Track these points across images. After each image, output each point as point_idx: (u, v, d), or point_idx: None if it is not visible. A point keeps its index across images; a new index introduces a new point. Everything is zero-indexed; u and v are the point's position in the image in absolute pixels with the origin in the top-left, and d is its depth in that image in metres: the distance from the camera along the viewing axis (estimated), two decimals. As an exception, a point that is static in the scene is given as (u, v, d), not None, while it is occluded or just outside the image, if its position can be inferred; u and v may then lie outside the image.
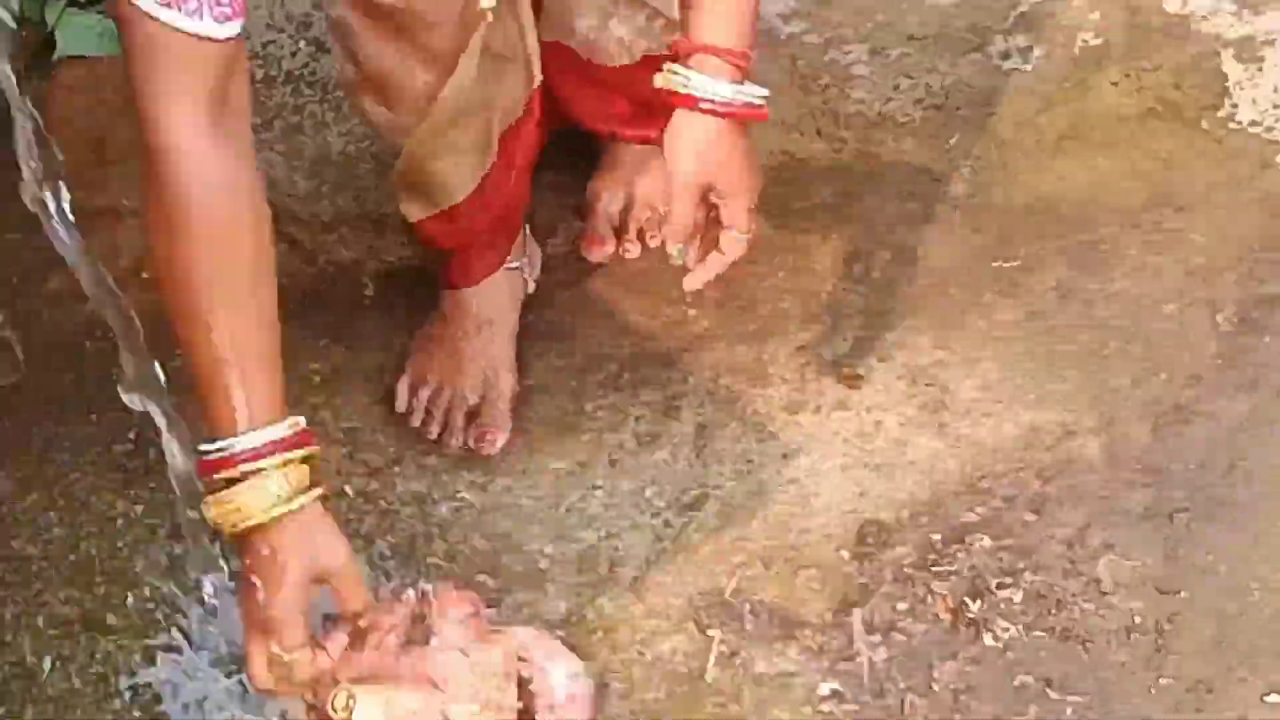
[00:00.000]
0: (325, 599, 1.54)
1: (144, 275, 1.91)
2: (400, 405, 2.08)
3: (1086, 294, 2.14)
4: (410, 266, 2.27)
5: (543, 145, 2.08)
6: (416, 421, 2.07)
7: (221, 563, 1.66)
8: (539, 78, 1.97)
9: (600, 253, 2.21)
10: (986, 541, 1.85)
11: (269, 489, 1.43)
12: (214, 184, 1.43)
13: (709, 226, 1.74)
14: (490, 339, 2.03)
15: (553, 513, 1.98)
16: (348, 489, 1.96)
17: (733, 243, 1.72)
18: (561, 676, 1.69)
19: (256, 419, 1.44)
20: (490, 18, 1.74)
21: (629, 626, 1.83)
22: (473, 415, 2.01)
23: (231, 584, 1.64)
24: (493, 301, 2.07)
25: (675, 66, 1.67)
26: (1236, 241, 2.19)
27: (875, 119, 2.44)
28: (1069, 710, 1.70)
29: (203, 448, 1.45)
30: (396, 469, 2.01)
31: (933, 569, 1.83)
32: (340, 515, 1.71)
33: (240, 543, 1.46)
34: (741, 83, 1.68)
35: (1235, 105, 2.38)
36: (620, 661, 1.80)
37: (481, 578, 1.89)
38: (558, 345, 2.17)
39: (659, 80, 1.68)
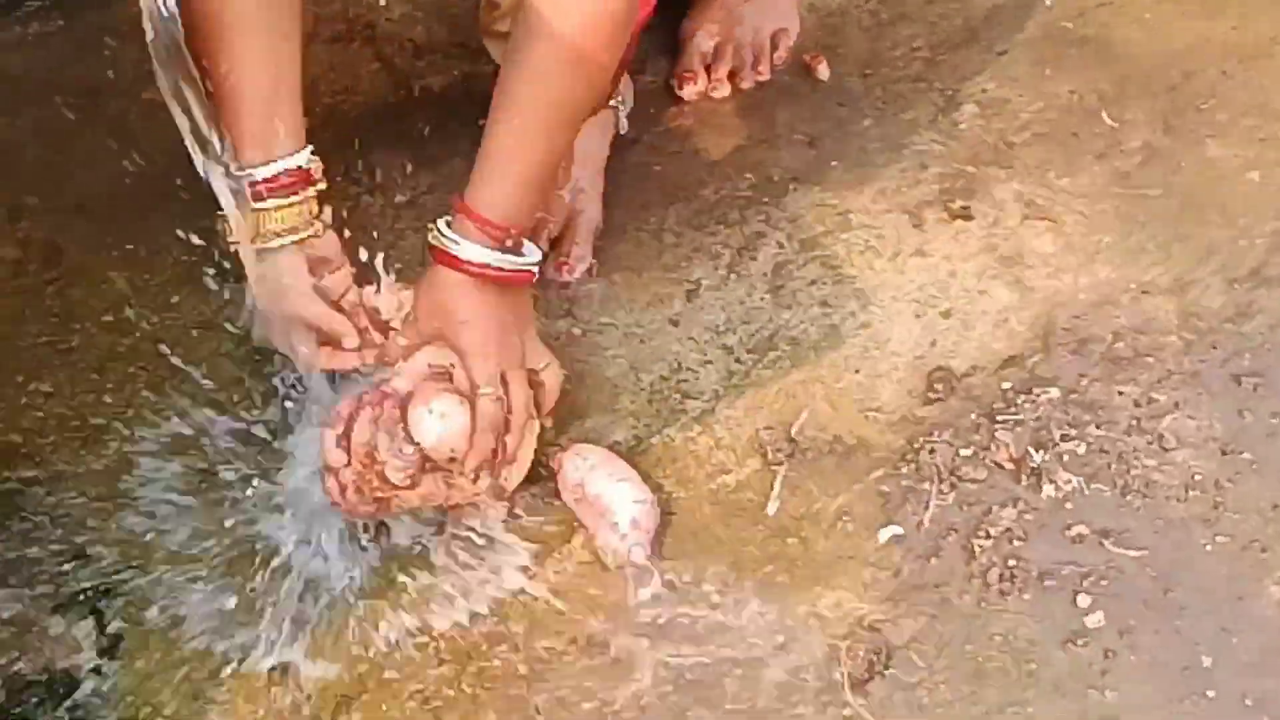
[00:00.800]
0: None
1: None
2: None
3: (1173, 156, 2.13)
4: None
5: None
6: None
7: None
8: None
9: (692, 90, 2.23)
10: (1054, 393, 1.86)
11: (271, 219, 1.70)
12: None
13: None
14: (580, 172, 2.03)
15: (627, 343, 2.00)
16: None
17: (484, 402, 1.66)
18: (628, 500, 1.72)
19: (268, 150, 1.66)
20: None
21: (695, 457, 1.85)
22: (556, 243, 2.02)
23: None
24: (587, 134, 2.06)
25: (441, 224, 1.66)
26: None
27: None
28: (1125, 562, 1.71)
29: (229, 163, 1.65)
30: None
31: (998, 418, 1.84)
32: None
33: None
34: (515, 247, 1.67)
35: None
36: (685, 490, 1.81)
37: (554, 402, 1.89)
38: (644, 181, 2.17)
39: (430, 238, 1.68)
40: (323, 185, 1.72)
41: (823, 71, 2.28)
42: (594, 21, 1.66)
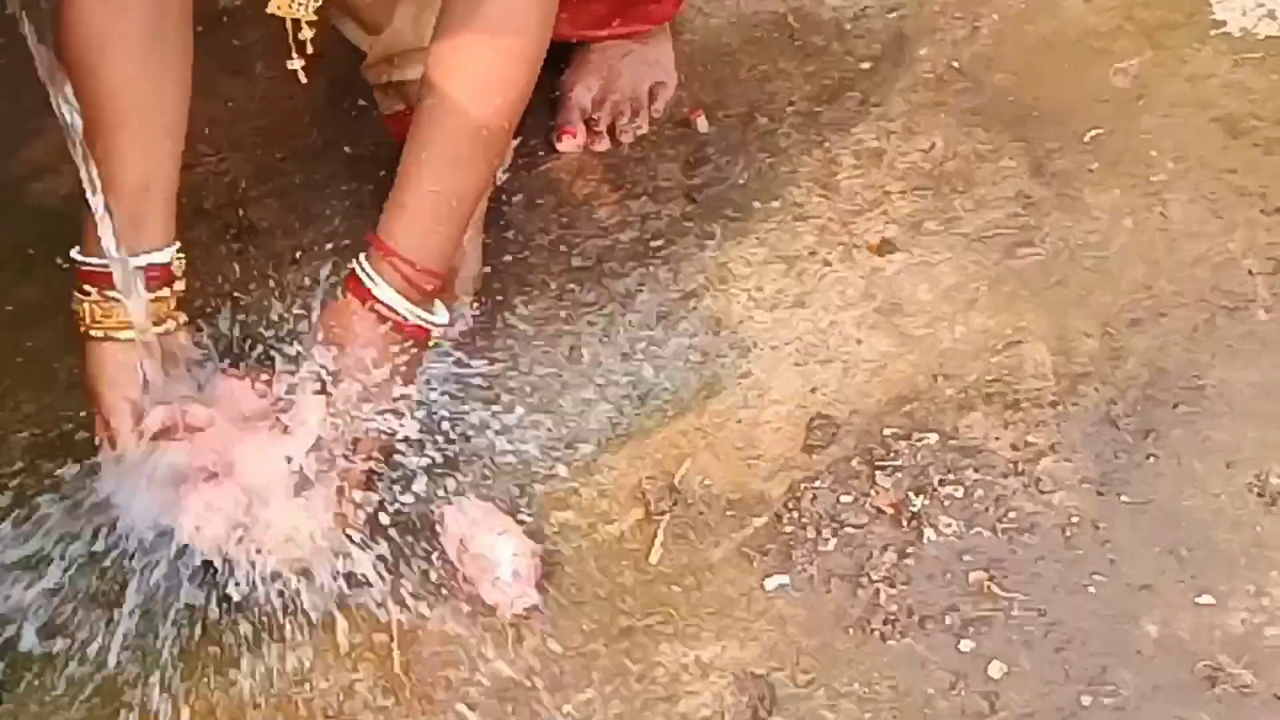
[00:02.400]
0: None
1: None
2: None
3: (1047, 204, 2.17)
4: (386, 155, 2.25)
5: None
6: None
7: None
8: None
9: (572, 143, 2.26)
10: (933, 439, 1.89)
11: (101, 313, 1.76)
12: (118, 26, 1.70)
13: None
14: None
15: (508, 394, 2.03)
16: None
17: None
18: (508, 553, 1.76)
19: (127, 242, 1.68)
20: None
21: (578, 508, 1.88)
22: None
23: None
24: None
25: (360, 260, 1.74)
26: (1196, 159, 2.22)
27: (848, 26, 2.47)
28: (1006, 604, 1.76)
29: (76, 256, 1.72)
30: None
31: (878, 464, 1.87)
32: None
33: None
34: (424, 304, 1.76)
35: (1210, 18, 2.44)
36: (568, 540, 1.86)
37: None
38: (523, 235, 2.21)
39: (355, 263, 1.75)
40: (181, 285, 1.77)
41: (702, 124, 2.30)
42: (508, 80, 1.77)
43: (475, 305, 2.08)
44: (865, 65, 2.40)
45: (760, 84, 2.39)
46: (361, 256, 1.75)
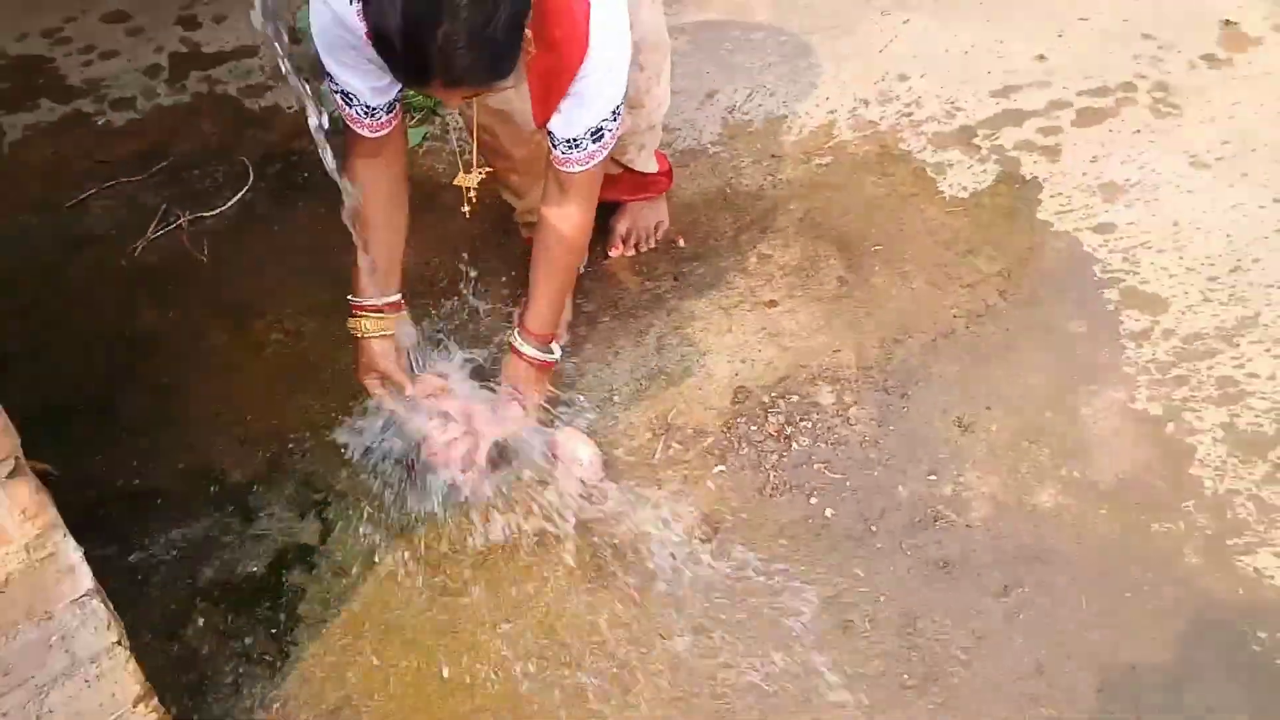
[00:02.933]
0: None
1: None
2: None
3: (853, 281, 2.32)
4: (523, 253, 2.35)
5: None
6: None
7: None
8: None
9: (617, 252, 2.37)
10: (795, 399, 2.11)
11: (365, 324, 1.87)
12: (371, 183, 1.80)
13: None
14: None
15: (587, 374, 2.20)
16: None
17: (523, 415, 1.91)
18: (585, 451, 1.98)
19: (375, 291, 1.84)
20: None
21: (619, 432, 2.08)
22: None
23: None
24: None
25: (515, 334, 1.91)
26: (928, 256, 2.37)
27: (753, 192, 2.58)
28: (836, 479, 1.97)
29: (350, 298, 1.87)
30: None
31: (769, 411, 2.10)
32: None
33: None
34: (545, 348, 1.92)
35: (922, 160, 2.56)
36: (612, 448, 2.05)
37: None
38: (591, 300, 2.32)
39: (509, 338, 1.93)
40: (405, 311, 1.93)
41: (682, 242, 2.42)
42: (584, 227, 1.89)
43: (566, 339, 2.18)
44: (762, 210, 2.49)
45: (711, 221, 2.47)
46: (515, 332, 1.93)
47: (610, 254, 2.33)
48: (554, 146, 1.75)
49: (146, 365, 2.22)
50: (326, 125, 1.57)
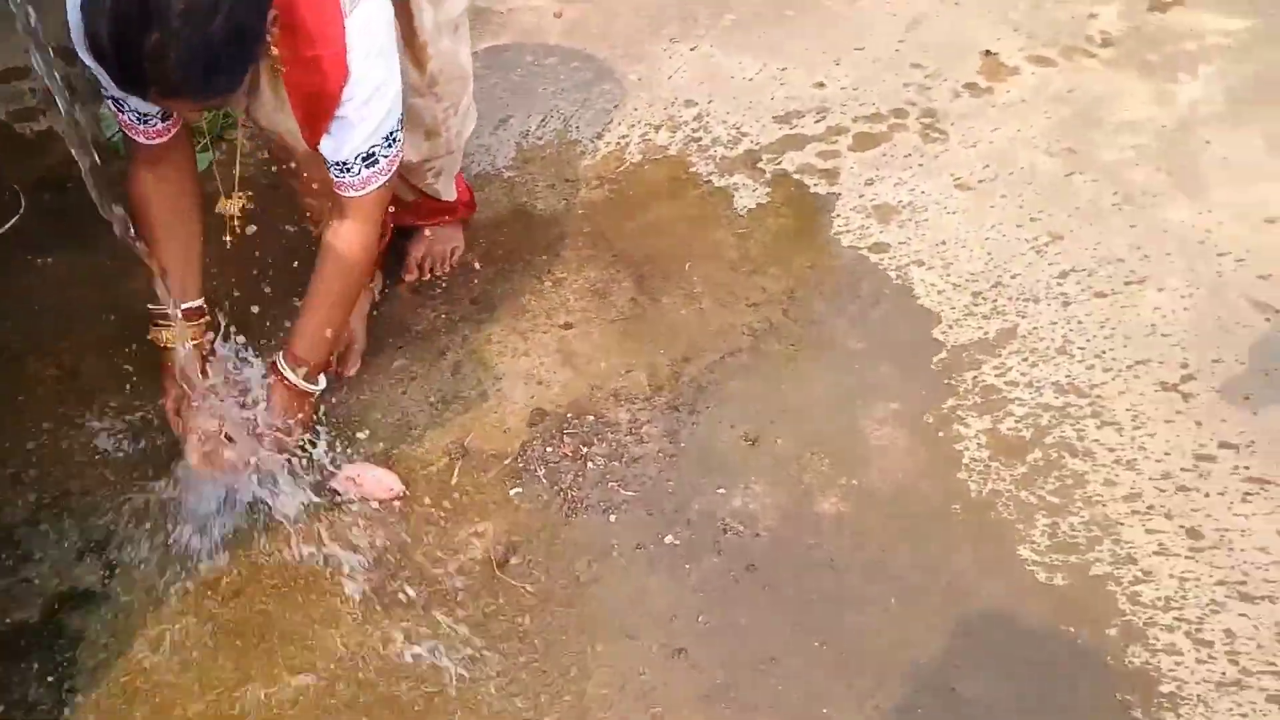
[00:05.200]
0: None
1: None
2: None
3: (645, 302, 2.38)
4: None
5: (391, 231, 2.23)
6: None
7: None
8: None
9: (411, 276, 2.38)
10: (590, 419, 2.15)
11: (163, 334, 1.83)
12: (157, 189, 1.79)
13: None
14: (355, 319, 2.16)
15: (372, 401, 2.20)
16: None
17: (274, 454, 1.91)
18: (387, 477, 2.02)
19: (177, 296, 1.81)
20: None
21: (412, 457, 2.11)
22: (340, 359, 2.17)
23: None
24: (361, 299, 2.17)
25: (280, 357, 1.90)
26: (716, 276, 2.46)
27: (548, 215, 2.61)
28: (631, 497, 2.02)
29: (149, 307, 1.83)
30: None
31: (565, 432, 2.13)
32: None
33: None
34: (311, 379, 1.91)
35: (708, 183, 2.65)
36: (413, 474, 2.08)
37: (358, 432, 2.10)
38: (386, 321, 2.35)
39: (277, 361, 1.89)
40: (206, 319, 1.90)
41: (478, 265, 2.44)
42: (364, 253, 1.88)
43: (355, 369, 2.18)
44: (557, 234, 2.53)
45: (506, 245, 2.50)
46: (280, 356, 1.90)
47: (405, 279, 2.33)
48: (328, 168, 1.75)
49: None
50: (95, 159, 1.54)
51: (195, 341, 1.85)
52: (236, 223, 1.82)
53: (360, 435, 2.08)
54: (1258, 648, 1.83)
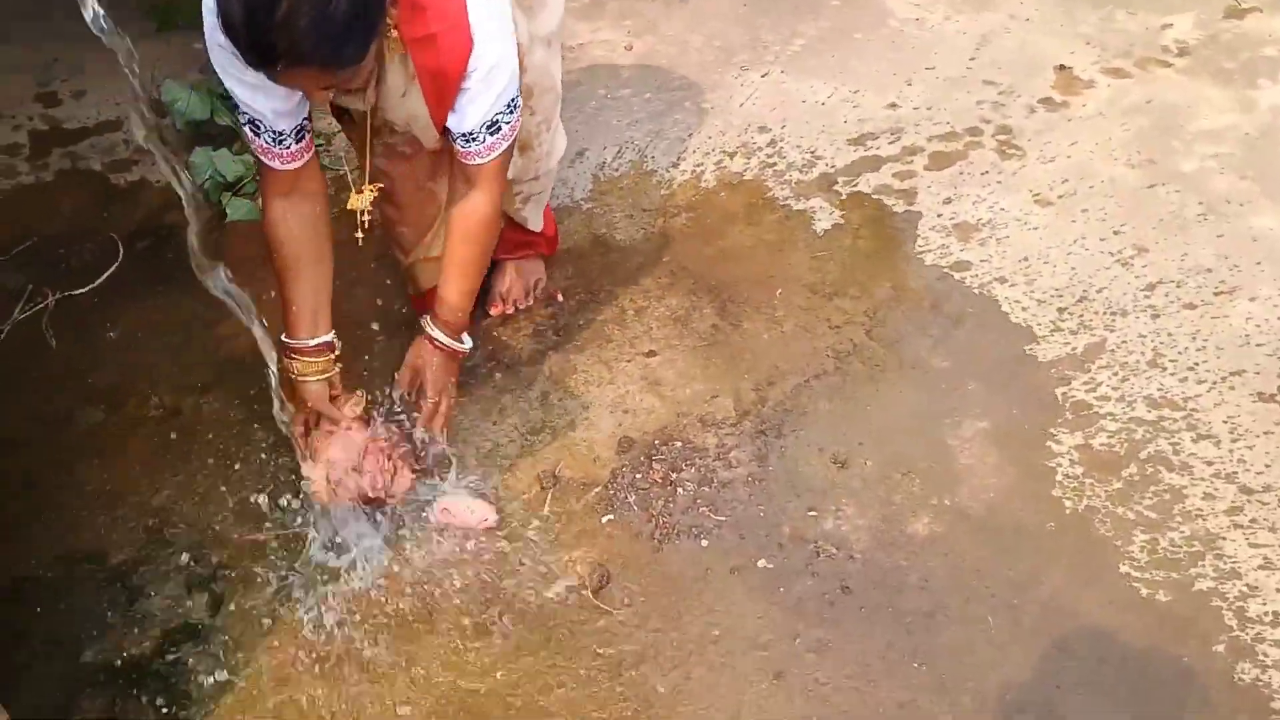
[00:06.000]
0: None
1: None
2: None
3: (726, 328, 2.39)
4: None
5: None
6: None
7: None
8: None
9: (497, 310, 2.40)
10: (678, 445, 2.17)
11: (295, 366, 1.86)
12: (291, 223, 1.83)
13: (420, 396, 2.00)
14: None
15: (474, 431, 2.22)
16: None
17: (430, 404, 1.99)
18: (480, 507, 2.04)
19: (305, 333, 1.84)
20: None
21: (504, 487, 2.13)
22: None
23: None
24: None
25: (427, 320, 1.97)
26: (797, 299, 2.47)
27: (628, 245, 2.63)
28: (721, 520, 2.05)
29: (283, 339, 1.87)
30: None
31: (654, 458, 2.14)
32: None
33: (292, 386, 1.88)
34: (457, 338, 1.98)
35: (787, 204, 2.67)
36: (507, 503, 2.10)
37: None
38: (483, 351, 2.32)
39: (425, 327, 1.96)
40: (338, 351, 1.92)
41: (561, 298, 2.46)
42: (494, 215, 1.93)
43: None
44: (637, 263, 2.53)
45: (587, 276, 2.53)
46: (426, 319, 1.98)
47: (491, 312, 2.35)
48: (453, 141, 1.80)
49: (10, 462, 2.16)
50: (191, 190, 1.63)
51: (326, 375, 1.90)
52: (367, 218, 1.88)
53: (454, 466, 2.10)
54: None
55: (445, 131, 1.82)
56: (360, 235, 1.91)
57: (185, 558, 2.00)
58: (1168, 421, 2.13)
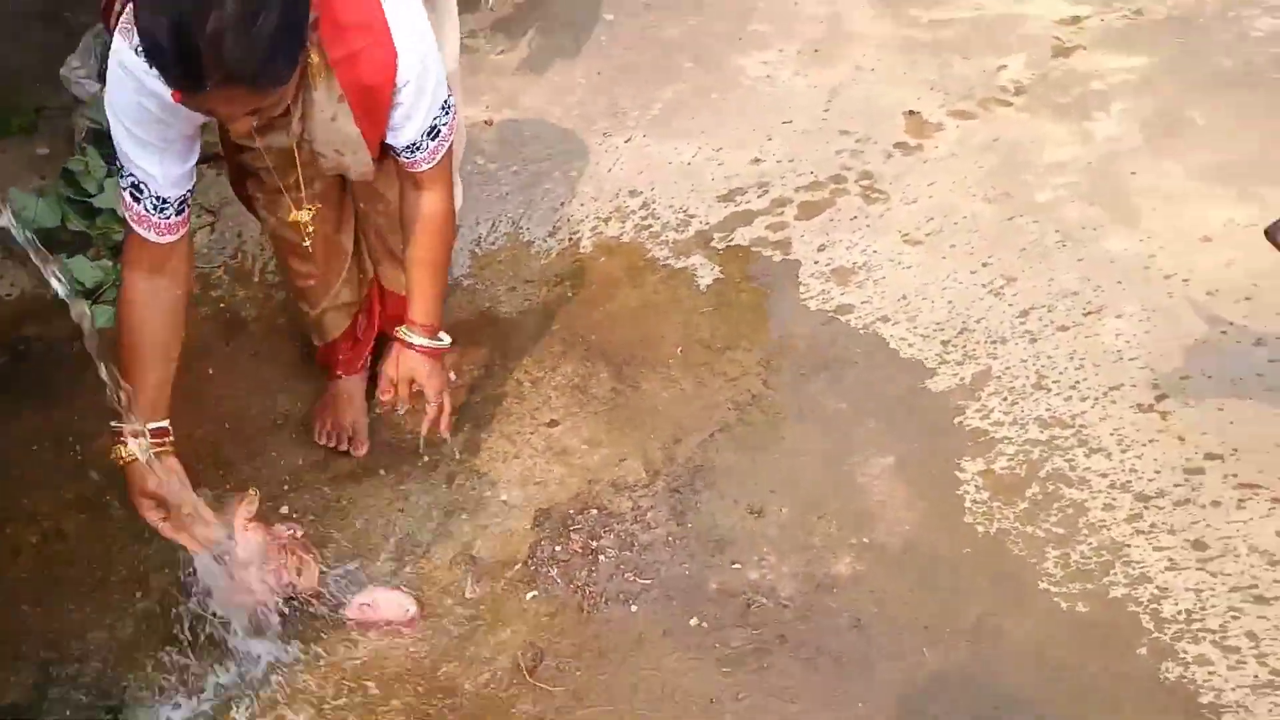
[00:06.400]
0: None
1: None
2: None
3: (625, 390, 2.41)
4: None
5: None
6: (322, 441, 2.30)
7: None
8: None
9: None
10: (594, 512, 2.17)
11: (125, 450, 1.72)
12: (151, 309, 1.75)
13: (417, 399, 2.01)
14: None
15: (381, 522, 2.21)
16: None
17: (434, 406, 2.01)
18: (404, 600, 2.00)
19: (141, 415, 1.72)
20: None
21: (421, 575, 2.12)
22: (351, 437, 2.28)
23: None
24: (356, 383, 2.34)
25: (405, 331, 1.97)
26: (690, 356, 2.51)
27: (503, 319, 2.69)
28: (646, 584, 2.04)
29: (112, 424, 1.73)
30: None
31: (571, 528, 2.15)
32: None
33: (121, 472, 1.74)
34: (435, 337, 1.99)
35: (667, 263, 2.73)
36: (424, 592, 2.08)
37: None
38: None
39: (399, 334, 1.97)
40: (171, 437, 1.78)
41: (454, 376, 2.33)
42: (449, 211, 1.94)
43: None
44: (526, 336, 2.55)
45: (477, 352, 2.54)
46: (402, 329, 1.97)
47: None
48: (397, 155, 1.81)
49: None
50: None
51: (159, 451, 1.75)
52: (311, 229, 1.91)
53: (365, 560, 2.06)
54: (1288, 645, 1.84)
55: (386, 148, 1.81)
56: (309, 242, 1.95)
57: (86, 692, 1.90)
58: (1060, 440, 2.22)
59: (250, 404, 2.38)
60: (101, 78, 2.75)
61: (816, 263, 2.66)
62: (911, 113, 3.08)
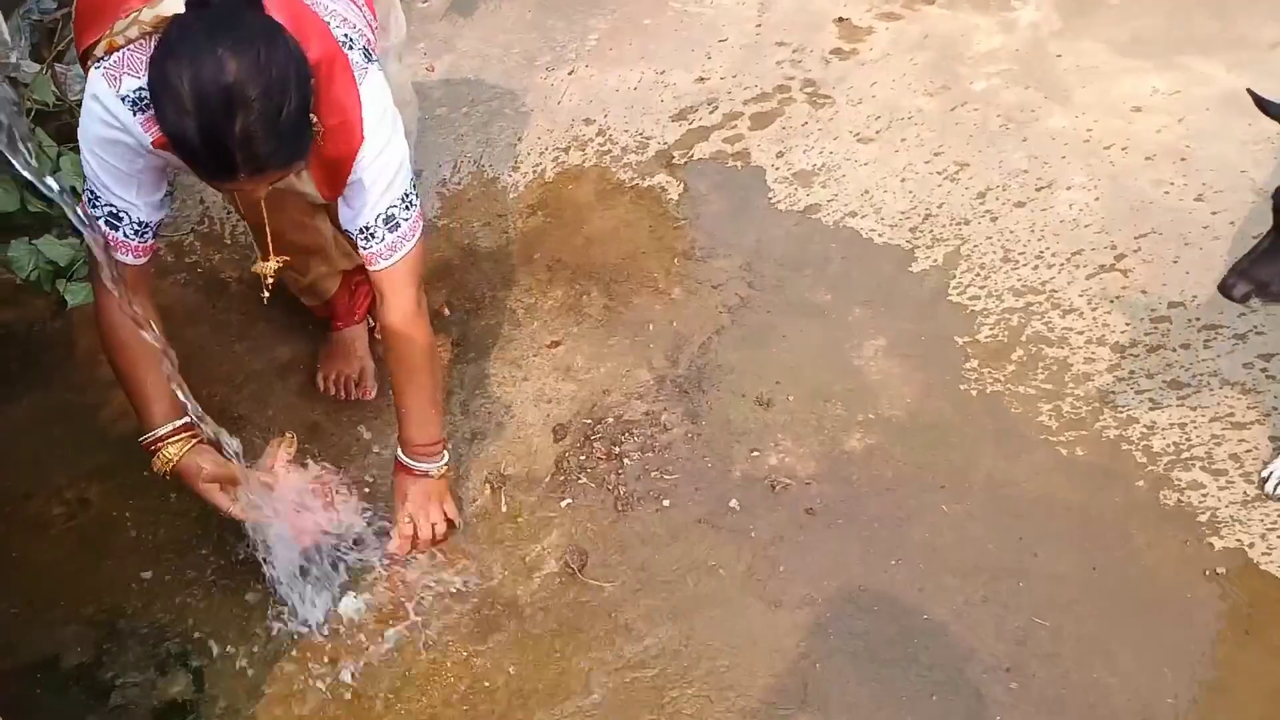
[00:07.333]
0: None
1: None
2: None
3: (618, 306, 2.46)
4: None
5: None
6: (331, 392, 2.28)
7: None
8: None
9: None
10: (610, 421, 2.23)
11: (168, 452, 1.76)
12: (134, 325, 1.71)
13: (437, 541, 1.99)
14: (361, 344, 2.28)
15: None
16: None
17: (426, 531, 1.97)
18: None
19: (160, 421, 1.75)
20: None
21: (462, 494, 2.13)
22: (358, 382, 2.28)
23: None
24: (358, 331, 2.33)
25: (402, 454, 1.94)
26: (675, 267, 2.59)
27: (484, 253, 2.70)
28: (670, 482, 2.11)
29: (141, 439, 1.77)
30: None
31: (592, 438, 2.21)
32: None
33: (173, 476, 1.77)
34: (435, 458, 1.95)
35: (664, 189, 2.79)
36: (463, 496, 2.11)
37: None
38: (380, 374, 2.34)
39: (399, 458, 1.94)
40: (200, 426, 1.79)
41: (447, 312, 2.46)
42: (419, 324, 1.87)
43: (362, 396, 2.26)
44: (510, 266, 2.58)
45: (466, 286, 2.54)
46: (400, 452, 1.95)
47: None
48: (357, 247, 1.78)
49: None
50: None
51: (196, 442, 1.79)
52: (270, 282, 1.84)
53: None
54: (1263, 464, 2.05)
55: (344, 232, 1.82)
56: (266, 295, 1.88)
57: (144, 640, 1.92)
58: (1035, 305, 2.36)
59: (250, 360, 2.38)
60: (33, 57, 2.76)
61: (777, 168, 2.75)
62: (841, 19, 3.18)
